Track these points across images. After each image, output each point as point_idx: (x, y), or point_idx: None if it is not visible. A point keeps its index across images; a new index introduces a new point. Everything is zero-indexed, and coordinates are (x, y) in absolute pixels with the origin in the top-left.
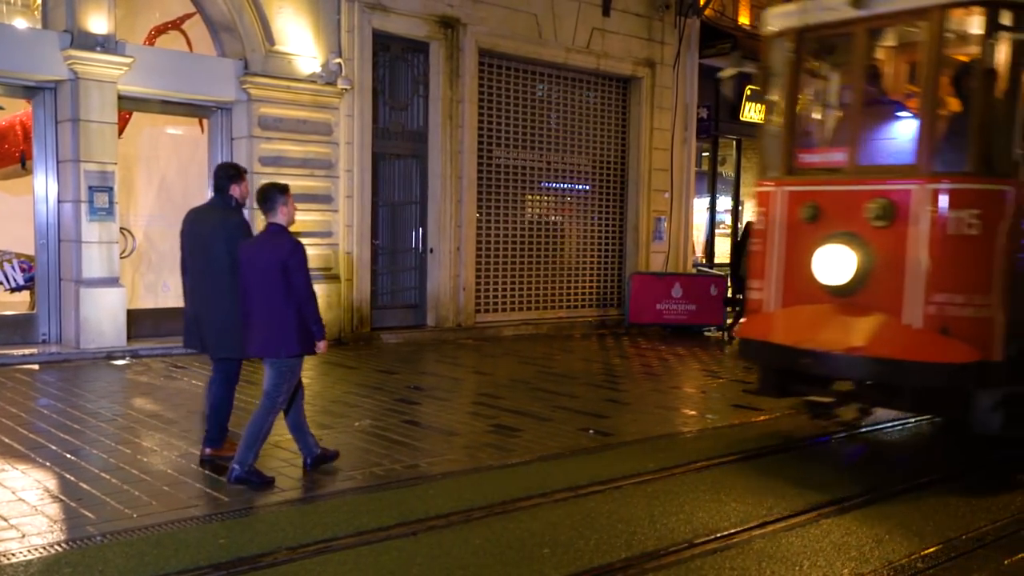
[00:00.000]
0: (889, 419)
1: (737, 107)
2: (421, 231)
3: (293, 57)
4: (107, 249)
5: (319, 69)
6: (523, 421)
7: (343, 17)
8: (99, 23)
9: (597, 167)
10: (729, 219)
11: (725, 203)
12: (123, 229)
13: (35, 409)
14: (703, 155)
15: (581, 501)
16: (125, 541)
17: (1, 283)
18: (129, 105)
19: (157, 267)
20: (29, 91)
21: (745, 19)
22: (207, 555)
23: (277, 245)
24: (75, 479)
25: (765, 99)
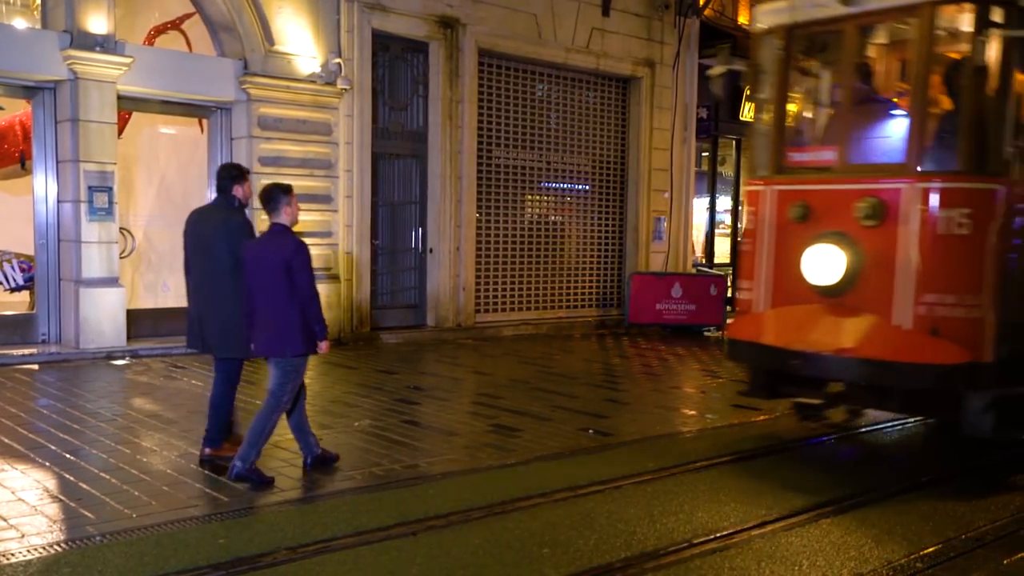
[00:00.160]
0: (888, 419)
1: (737, 106)
2: (421, 231)
3: (293, 57)
4: (107, 249)
5: (319, 69)
6: (523, 421)
7: (343, 17)
8: (98, 23)
9: (597, 167)
10: (729, 219)
11: (725, 203)
12: (123, 229)
13: (35, 409)
14: (703, 155)
15: (580, 501)
16: (124, 541)
17: (1, 283)
18: (129, 105)
19: (157, 267)
20: (29, 91)
21: (745, 19)
22: (206, 555)
23: (281, 245)
24: (74, 479)
25: (754, 97)
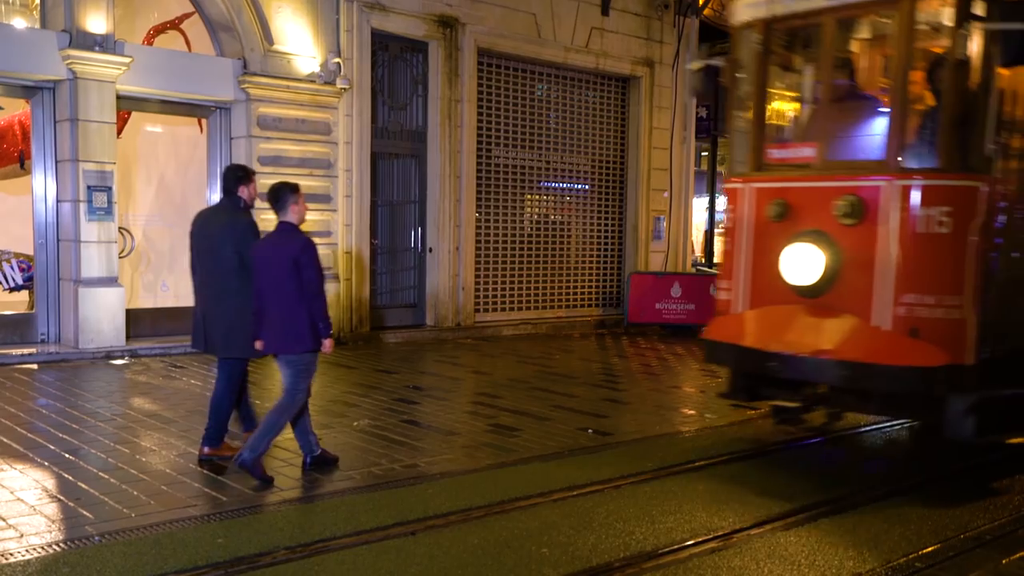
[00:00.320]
0: (886, 419)
1: None
2: (420, 230)
3: (292, 57)
4: (106, 249)
5: (318, 69)
6: (522, 421)
7: (342, 17)
8: (97, 23)
9: (596, 167)
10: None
11: (725, 203)
12: (122, 229)
13: (34, 409)
14: (702, 154)
15: (580, 501)
16: (123, 541)
17: (0, 283)
18: (128, 105)
19: (156, 267)
20: (28, 91)
21: None
22: (205, 555)
23: (289, 242)
24: (73, 479)
25: (733, 92)
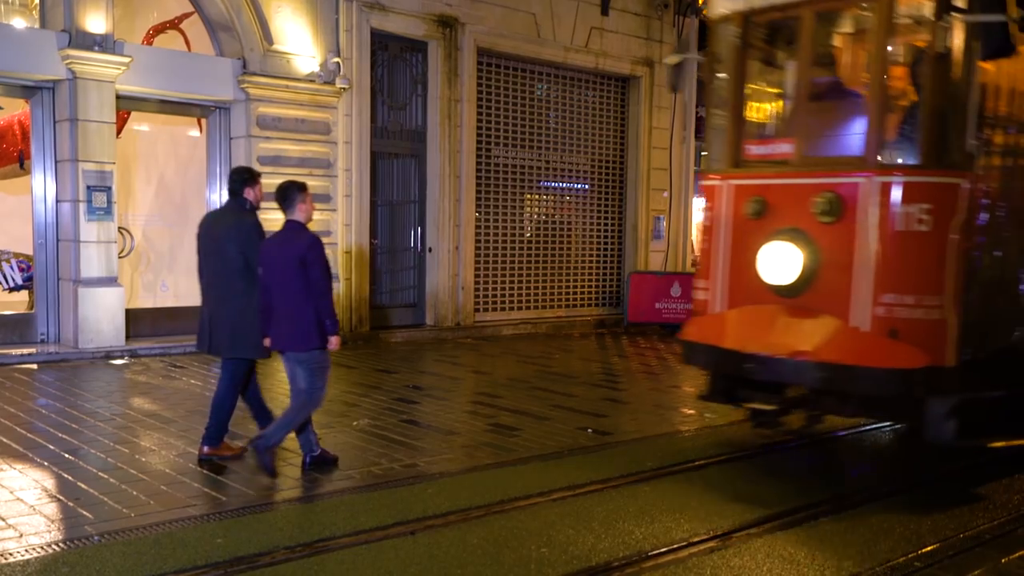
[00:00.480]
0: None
1: None
2: (420, 230)
3: (291, 56)
4: (105, 249)
5: (317, 68)
6: (522, 420)
7: (341, 16)
8: (97, 22)
9: (596, 166)
10: None
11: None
12: (121, 229)
13: (33, 409)
14: (702, 154)
15: (579, 500)
16: (123, 541)
17: (0, 283)
18: (127, 105)
19: (155, 267)
20: (27, 91)
21: None
22: (205, 554)
23: (296, 241)
24: (73, 479)
25: (711, 87)
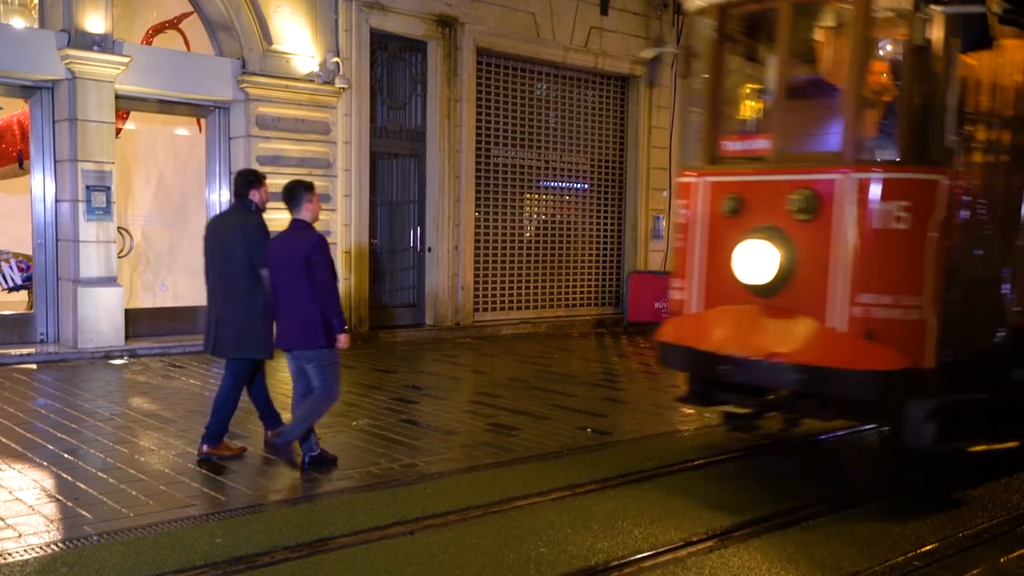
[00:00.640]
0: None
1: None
2: (419, 230)
3: (291, 56)
4: (105, 248)
5: (317, 68)
6: (521, 420)
7: (341, 16)
8: (96, 22)
9: (595, 166)
10: None
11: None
12: (121, 228)
13: (33, 409)
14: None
15: (579, 500)
16: (122, 540)
17: None
18: (127, 104)
19: (155, 266)
20: (26, 90)
21: None
22: (204, 554)
23: (302, 240)
24: (72, 478)
25: (687, 82)
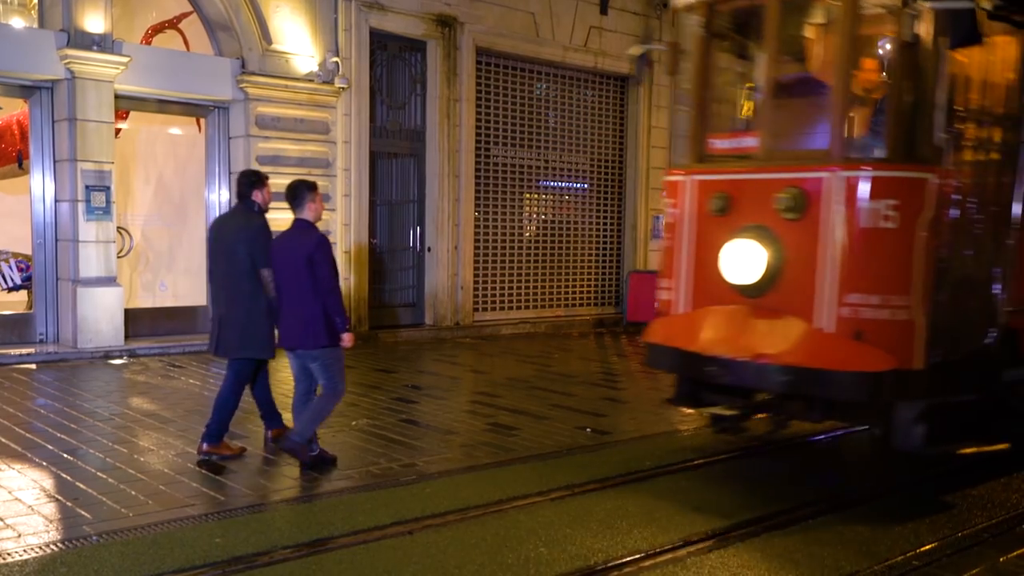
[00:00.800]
0: None
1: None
2: (419, 230)
3: (290, 56)
4: (104, 248)
5: (316, 68)
6: (520, 420)
7: (340, 16)
8: (96, 22)
9: (595, 165)
10: None
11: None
12: (120, 228)
13: (32, 409)
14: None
15: (578, 499)
16: (121, 540)
17: None
18: (126, 104)
19: (154, 266)
20: (26, 90)
21: None
22: (203, 554)
23: (304, 240)
24: (72, 478)
25: (675, 80)
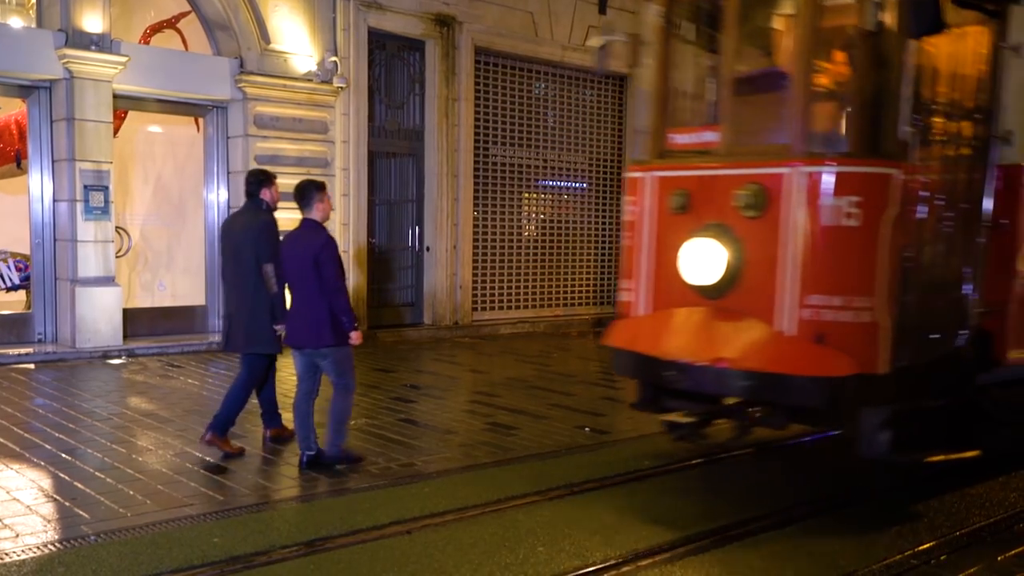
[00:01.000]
0: None
1: None
2: (418, 229)
3: (289, 56)
4: (103, 248)
5: (315, 67)
6: (519, 419)
7: (339, 15)
8: (94, 22)
9: (594, 165)
10: None
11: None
12: (119, 228)
13: (31, 408)
14: None
15: (577, 499)
16: (119, 540)
17: None
18: (124, 104)
19: (153, 266)
20: (24, 90)
21: None
22: (201, 554)
23: (311, 240)
24: (70, 478)
25: (635, 72)
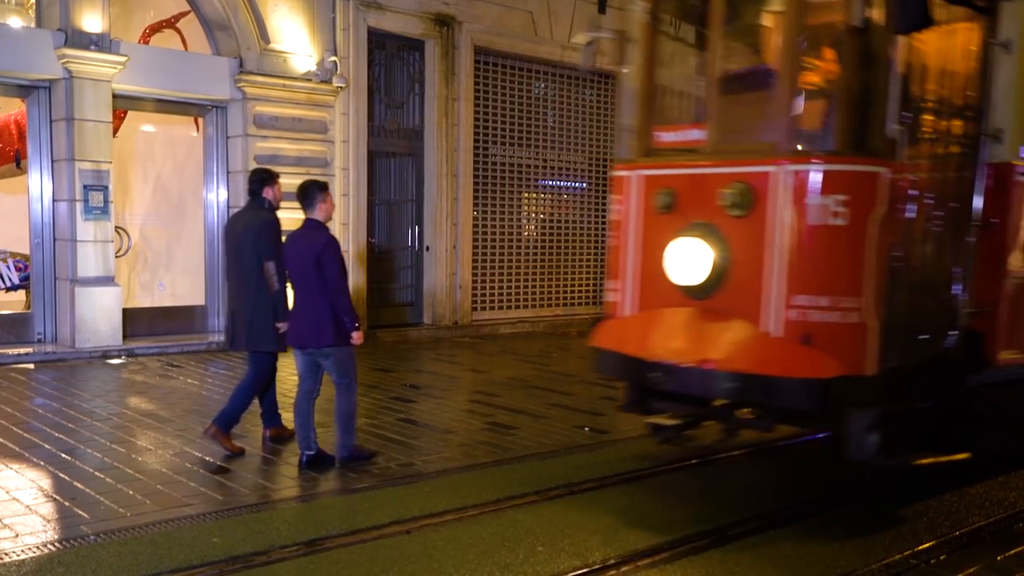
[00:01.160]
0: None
1: None
2: (417, 229)
3: (288, 55)
4: (102, 248)
5: (314, 67)
6: (519, 419)
7: (338, 15)
8: (93, 22)
9: (594, 164)
10: None
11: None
12: (118, 228)
13: (30, 408)
14: None
15: (577, 498)
16: (119, 540)
17: None
18: (124, 104)
19: (153, 266)
20: (23, 90)
21: None
22: (201, 554)
23: (313, 240)
24: (69, 478)
25: (621, 70)
